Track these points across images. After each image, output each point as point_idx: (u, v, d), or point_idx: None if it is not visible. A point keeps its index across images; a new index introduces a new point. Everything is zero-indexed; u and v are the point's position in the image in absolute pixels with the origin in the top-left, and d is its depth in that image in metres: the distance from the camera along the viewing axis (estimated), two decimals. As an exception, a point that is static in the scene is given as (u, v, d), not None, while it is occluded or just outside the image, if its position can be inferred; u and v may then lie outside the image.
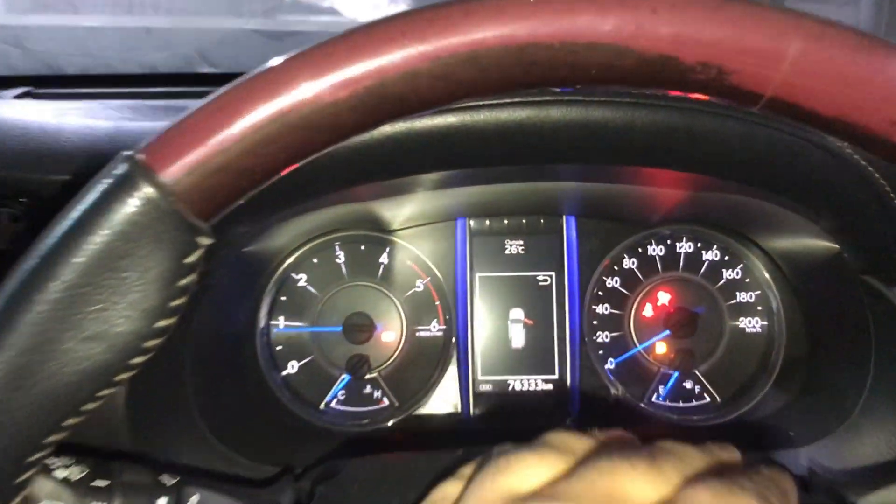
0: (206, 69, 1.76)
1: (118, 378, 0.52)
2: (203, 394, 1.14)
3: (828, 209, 1.02)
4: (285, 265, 1.39)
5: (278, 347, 1.41)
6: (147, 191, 0.48)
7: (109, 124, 1.09)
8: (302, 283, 1.41)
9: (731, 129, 0.93)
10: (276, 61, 0.50)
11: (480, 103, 0.91)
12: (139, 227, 0.48)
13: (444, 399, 1.41)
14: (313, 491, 0.92)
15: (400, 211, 1.33)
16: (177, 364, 1.10)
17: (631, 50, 0.46)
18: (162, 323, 0.52)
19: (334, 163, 0.93)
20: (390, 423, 1.36)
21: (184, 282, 0.52)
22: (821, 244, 1.13)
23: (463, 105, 0.91)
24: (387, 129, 0.92)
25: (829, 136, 0.92)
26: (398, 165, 0.98)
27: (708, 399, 1.41)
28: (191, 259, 0.51)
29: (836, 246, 1.10)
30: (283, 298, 1.41)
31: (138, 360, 0.52)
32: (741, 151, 0.95)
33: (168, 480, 0.83)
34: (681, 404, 1.41)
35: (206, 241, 0.52)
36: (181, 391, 1.11)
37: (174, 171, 0.48)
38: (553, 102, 0.92)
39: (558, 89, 0.93)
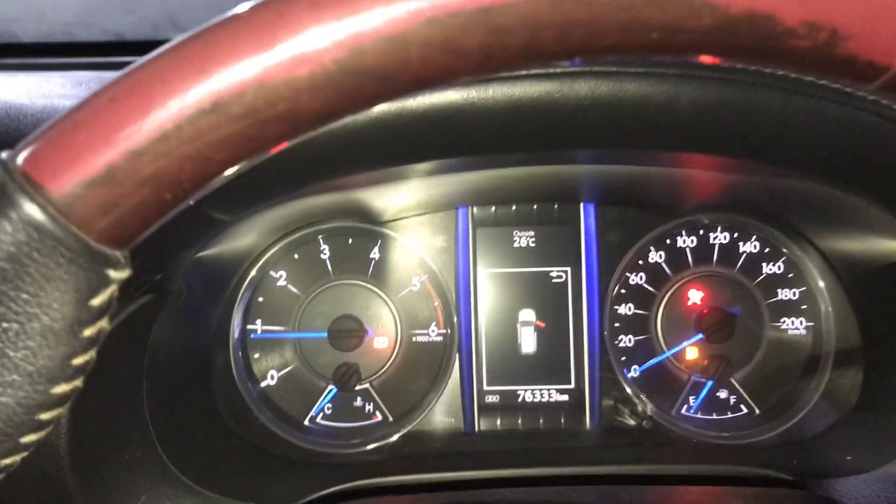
0: (176, 36, 1.59)
1: (5, 463, 0.39)
2: (164, 419, 0.98)
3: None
4: (262, 262, 1.23)
5: (255, 356, 1.25)
6: (27, 210, 0.35)
7: (41, 103, 0.91)
8: (281, 283, 1.24)
9: (797, 107, 0.75)
10: (206, 25, 0.36)
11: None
12: (18, 261, 0.36)
13: (445, 413, 1.26)
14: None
15: (393, 199, 1.16)
16: (131, 387, 0.94)
17: (709, 4, 0.33)
18: (61, 388, 0.38)
19: (313, 152, 0.76)
20: (383, 442, 1.20)
21: (91, 331, 0.38)
22: (892, 244, 0.96)
23: (467, 79, 0.73)
24: (374, 109, 0.74)
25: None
26: (390, 154, 0.80)
27: (745, 411, 1.25)
28: (100, 300, 0.38)
29: None
30: (261, 300, 1.25)
31: (31, 438, 0.39)
32: (808, 134, 0.77)
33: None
34: (714, 417, 1.25)
35: (119, 274, 0.38)
36: (137, 418, 0.95)
37: (67, 182, 0.35)
38: (579, 75, 0.74)
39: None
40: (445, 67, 0.35)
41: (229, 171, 0.40)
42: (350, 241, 1.26)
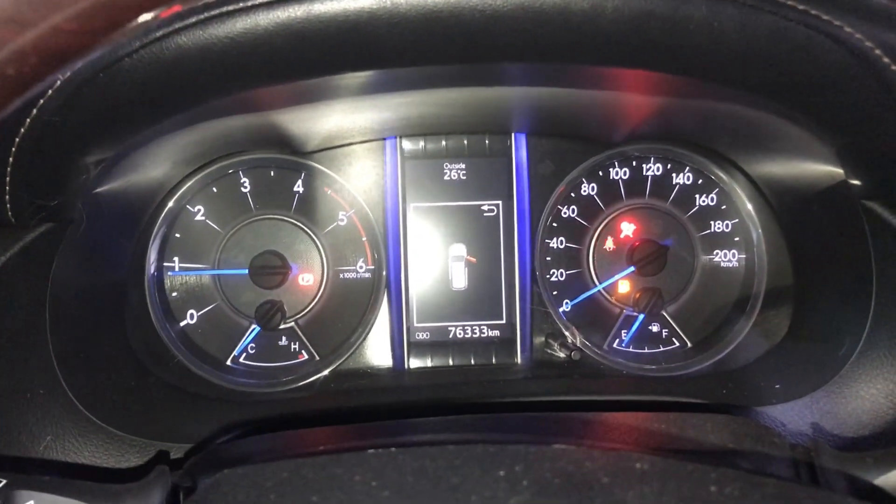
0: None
1: None
2: (72, 356, 0.92)
3: (838, 119, 0.82)
4: (177, 195, 1.16)
5: (174, 294, 1.19)
6: None
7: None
8: (199, 218, 1.18)
9: (727, 16, 0.72)
10: None
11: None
12: None
13: (374, 351, 1.22)
14: (195, 482, 0.72)
15: (316, 127, 1.09)
16: (32, 323, 0.88)
17: None
18: None
19: (211, 60, 0.69)
20: (310, 380, 1.16)
21: None
22: (820, 168, 0.94)
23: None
24: (278, 14, 0.68)
25: (849, 29, 0.72)
26: (298, 64, 0.74)
27: (677, 344, 1.24)
28: None
29: (839, 170, 0.91)
30: (178, 236, 1.18)
31: None
32: (738, 47, 0.74)
33: (-7, 484, 0.65)
34: (646, 350, 1.24)
35: None
36: (40, 355, 0.88)
37: None
38: (498, -21, 0.69)
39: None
40: None
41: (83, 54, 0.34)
42: (272, 173, 1.20)
